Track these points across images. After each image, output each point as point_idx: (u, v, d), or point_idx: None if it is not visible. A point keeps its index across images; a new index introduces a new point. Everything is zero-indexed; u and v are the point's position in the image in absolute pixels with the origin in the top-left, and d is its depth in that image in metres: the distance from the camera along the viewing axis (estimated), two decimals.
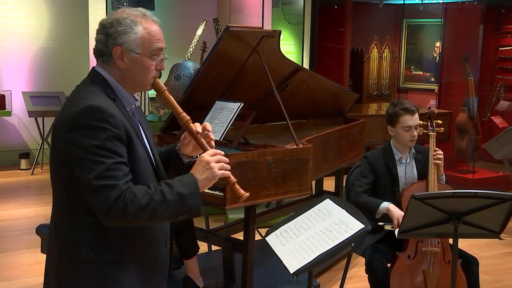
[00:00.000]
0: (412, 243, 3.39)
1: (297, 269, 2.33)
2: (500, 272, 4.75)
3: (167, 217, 1.86)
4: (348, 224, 2.46)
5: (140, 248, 1.92)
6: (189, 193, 1.85)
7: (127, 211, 1.75)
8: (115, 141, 1.79)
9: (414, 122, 3.55)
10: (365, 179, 3.62)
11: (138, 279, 1.92)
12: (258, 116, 4.02)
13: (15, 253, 4.91)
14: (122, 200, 1.74)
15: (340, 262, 4.65)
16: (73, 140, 1.77)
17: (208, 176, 1.91)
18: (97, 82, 1.91)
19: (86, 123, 1.77)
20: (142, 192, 1.79)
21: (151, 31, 1.92)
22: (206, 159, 1.92)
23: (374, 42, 9.33)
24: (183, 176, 1.91)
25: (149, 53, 1.91)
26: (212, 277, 3.93)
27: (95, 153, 1.75)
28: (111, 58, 1.90)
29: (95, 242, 1.85)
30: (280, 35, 3.94)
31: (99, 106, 1.79)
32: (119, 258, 1.88)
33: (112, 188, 1.75)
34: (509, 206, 2.74)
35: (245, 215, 3.75)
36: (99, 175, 1.74)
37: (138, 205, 1.76)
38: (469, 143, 7.33)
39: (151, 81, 1.96)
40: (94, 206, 1.77)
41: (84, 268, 1.85)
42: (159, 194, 1.80)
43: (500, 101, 8.30)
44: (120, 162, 1.79)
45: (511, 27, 8.79)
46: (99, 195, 1.75)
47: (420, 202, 2.71)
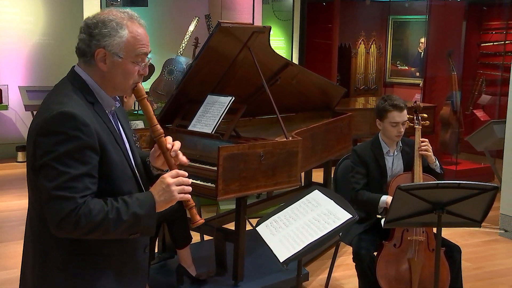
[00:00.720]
0: (397, 233, 3.41)
1: (287, 258, 2.33)
2: (481, 260, 4.78)
3: (119, 235, 1.76)
4: (336, 214, 2.47)
5: (117, 254, 1.84)
6: (144, 214, 1.76)
7: (79, 226, 1.67)
8: (85, 150, 1.70)
9: (401, 119, 3.55)
10: (359, 174, 3.61)
11: (117, 284, 1.84)
12: (249, 110, 4.02)
13: (12, 243, 4.90)
14: (75, 214, 1.66)
15: (328, 251, 4.67)
16: (42, 146, 1.68)
17: (166, 198, 1.80)
18: (75, 85, 1.80)
19: (58, 129, 1.68)
20: (97, 208, 1.70)
21: (137, 35, 1.81)
22: (167, 181, 1.80)
23: (361, 38, 9.33)
24: (141, 194, 1.83)
25: (133, 57, 1.81)
26: (204, 266, 3.93)
27: (61, 162, 1.67)
28: (93, 60, 1.80)
29: (67, 251, 1.77)
30: (270, 31, 3.94)
31: (73, 114, 1.69)
32: (95, 265, 1.80)
33: (68, 200, 1.66)
34: (490, 196, 2.76)
35: (237, 206, 3.75)
36: (59, 185, 1.66)
37: (91, 221, 1.68)
38: (453, 136, 7.36)
39: (132, 86, 1.85)
40: (47, 215, 1.69)
41: (55, 275, 1.77)
42: (114, 212, 1.71)
43: (482, 95, 8.35)
44: (84, 174, 1.69)
45: (492, 23, 8.83)
46: (54, 205, 1.66)
47: (405, 193, 2.73)
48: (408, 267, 3.38)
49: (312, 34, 8.95)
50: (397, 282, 3.38)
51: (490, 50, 8.78)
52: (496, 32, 8.71)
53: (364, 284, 3.48)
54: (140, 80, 1.88)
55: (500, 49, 8.32)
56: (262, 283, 3.83)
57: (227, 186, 3.43)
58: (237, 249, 3.72)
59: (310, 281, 4.18)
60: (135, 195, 1.81)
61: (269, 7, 8.59)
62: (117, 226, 1.72)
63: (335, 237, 3.58)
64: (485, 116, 7.70)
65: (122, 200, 1.76)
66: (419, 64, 9.30)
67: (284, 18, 8.66)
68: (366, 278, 3.43)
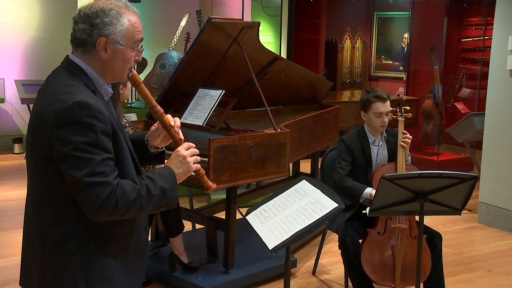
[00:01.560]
0: (381, 221, 3.42)
1: (276, 245, 2.33)
2: (460, 246, 4.82)
3: (151, 210, 1.80)
4: (323, 203, 2.47)
5: (124, 236, 1.84)
6: (169, 187, 1.81)
7: (117, 207, 1.68)
8: (103, 137, 1.69)
9: (385, 109, 3.57)
10: (345, 161, 3.62)
11: (123, 266, 1.84)
12: (239, 103, 4.01)
13: (10, 232, 4.88)
14: (113, 196, 1.67)
15: (316, 239, 4.69)
16: (61, 137, 1.65)
17: (184, 170, 1.87)
18: (76, 74, 1.78)
19: (75, 119, 1.65)
20: (130, 187, 1.72)
21: (134, 22, 1.80)
22: (183, 153, 1.87)
23: (347, 33, 9.33)
24: (161, 170, 1.85)
25: (131, 44, 1.81)
26: (196, 254, 3.93)
27: (84, 150, 1.65)
28: (93, 49, 1.77)
29: (81, 235, 1.75)
30: (259, 27, 3.93)
31: (87, 102, 1.67)
32: (105, 248, 1.79)
33: (103, 185, 1.66)
34: (469, 185, 2.78)
35: (227, 195, 3.75)
36: (89, 172, 1.65)
37: (127, 200, 1.70)
38: (434, 128, 7.40)
39: (128, 71, 1.86)
40: (84, 202, 1.67)
41: (71, 259, 1.75)
42: (144, 189, 1.74)
43: (462, 89, 8.38)
44: (108, 158, 1.70)
45: (472, 20, 8.86)
46: (90, 192, 1.65)
47: (389, 182, 2.73)
48: (392, 254, 3.40)
49: (299, 30, 8.93)
50: (381, 268, 3.40)
51: (470, 45, 8.80)
52: (475, 28, 8.73)
53: (349, 270, 3.50)
54: (134, 66, 1.88)
55: (479, 44, 8.35)
56: (252, 270, 3.84)
57: (217, 176, 3.42)
58: (228, 237, 3.72)
59: (298, 268, 4.20)
60: (156, 171, 1.83)
61: (258, 3, 8.56)
62: (149, 202, 1.75)
63: (322, 225, 3.59)
64: (465, 108, 7.74)
65: (147, 177, 1.78)
66: (403, 59, 9.32)
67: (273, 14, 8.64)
68: (351, 265, 3.45)
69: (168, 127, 1.92)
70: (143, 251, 1.96)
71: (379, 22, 9.79)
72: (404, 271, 3.40)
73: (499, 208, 5.27)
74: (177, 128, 1.94)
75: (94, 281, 1.76)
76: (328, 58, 9.16)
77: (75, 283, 1.74)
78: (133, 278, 1.89)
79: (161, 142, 2.02)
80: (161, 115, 1.91)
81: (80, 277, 1.75)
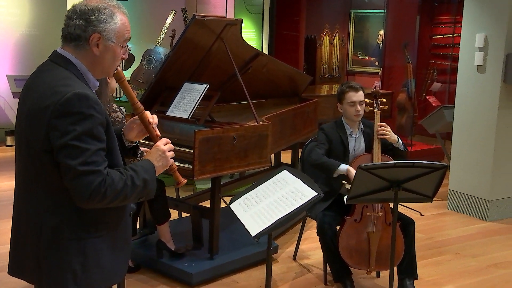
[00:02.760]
0: (358, 208, 3.44)
1: (258, 232, 2.33)
2: (431, 231, 4.87)
3: (133, 199, 1.82)
4: (303, 192, 2.47)
5: (114, 221, 1.86)
6: (150, 178, 1.83)
7: (106, 196, 1.69)
8: (99, 127, 1.71)
9: (358, 98, 3.58)
10: (323, 145, 3.62)
11: (112, 249, 1.86)
12: (223, 97, 4.00)
13: (3, 220, 4.81)
14: (103, 185, 1.68)
15: (296, 226, 4.69)
16: (60, 127, 1.65)
17: (163, 163, 1.91)
18: (67, 67, 1.78)
19: (75, 110, 1.66)
20: (117, 177, 1.73)
21: (125, 22, 1.84)
22: (162, 148, 1.92)
23: (326, 30, 9.34)
24: (142, 162, 1.87)
25: (121, 42, 1.83)
26: (182, 241, 3.92)
27: (81, 140, 1.66)
28: (86, 44, 1.77)
29: (76, 222, 1.76)
30: (241, 24, 3.90)
31: (86, 94, 1.69)
32: (97, 233, 1.81)
33: (95, 174, 1.67)
34: (440, 174, 2.80)
35: (212, 185, 3.73)
36: (84, 161, 1.65)
37: (115, 189, 1.71)
38: (408, 120, 7.44)
39: (114, 69, 1.88)
40: (75, 190, 1.67)
41: (67, 245, 1.76)
42: (130, 179, 1.76)
43: (434, 83, 8.44)
44: (101, 149, 1.71)
45: (442, 18, 8.91)
46: (83, 180, 1.66)
47: (365, 172, 2.74)
48: (367, 240, 3.41)
49: (280, 27, 8.91)
50: (357, 253, 3.42)
51: (441, 42, 8.86)
52: (446, 26, 8.79)
53: (328, 255, 3.52)
54: (119, 64, 1.90)
55: (449, 41, 8.40)
56: (236, 256, 3.84)
57: (202, 167, 3.41)
58: (212, 225, 3.71)
59: (279, 253, 4.20)
60: (137, 163, 1.85)
61: (240, 1, 8.51)
62: (132, 191, 1.77)
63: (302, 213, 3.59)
64: (436, 102, 7.79)
65: (131, 169, 1.80)
66: (378, 54, 9.35)
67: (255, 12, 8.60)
68: (329, 250, 3.46)
69: (147, 123, 1.95)
70: (128, 235, 1.98)
71: (355, 20, 9.80)
72: (379, 256, 3.42)
73: (467, 195, 5.33)
74: (155, 124, 1.98)
75: (88, 264, 1.79)
76: (307, 54, 9.16)
77: (71, 266, 1.76)
78: (120, 260, 1.92)
79: (136, 137, 2.04)
80: (141, 111, 1.94)
81: (75, 260, 1.77)
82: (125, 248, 1.95)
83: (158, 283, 3.68)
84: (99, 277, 1.83)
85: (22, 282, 3.68)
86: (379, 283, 3.78)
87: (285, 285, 3.73)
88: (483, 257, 4.32)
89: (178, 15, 7.61)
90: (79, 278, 1.78)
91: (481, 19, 5.12)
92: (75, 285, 1.77)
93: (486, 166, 5.15)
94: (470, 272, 4.04)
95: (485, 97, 5.13)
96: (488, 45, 5.08)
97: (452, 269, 4.09)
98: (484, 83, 5.14)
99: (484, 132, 5.16)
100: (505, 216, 5.25)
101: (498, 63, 5.01)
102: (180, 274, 3.65)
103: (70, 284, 1.77)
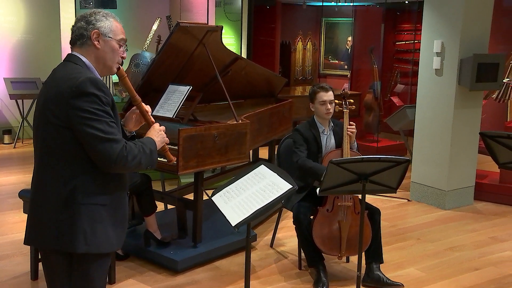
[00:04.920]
0: (330, 199, 3.44)
1: (238, 222, 2.31)
2: (395, 219, 4.91)
3: (144, 166, 1.97)
4: (279, 185, 2.46)
5: (116, 193, 1.99)
6: (154, 149, 2.04)
7: (127, 159, 1.88)
8: (107, 106, 1.87)
9: (328, 98, 3.58)
10: (302, 146, 3.61)
11: (114, 222, 1.98)
12: (205, 97, 3.97)
13: (1, 213, 4.71)
14: (125, 150, 1.87)
15: (273, 216, 4.69)
16: (78, 105, 1.82)
17: (161, 139, 2.12)
18: (79, 63, 1.95)
19: (88, 91, 1.83)
20: (132, 145, 1.93)
21: (118, 25, 2.04)
22: (158, 127, 2.14)
23: (299, 37, 9.34)
24: (144, 138, 2.06)
25: (117, 40, 2.02)
26: (168, 230, 3.89)
27: (97, 114, 1.83)
28: (89, 40, 1.97)
29: (87, 189, 1.90)
30: (222, 30, 3.87)
31: (96, 78, 1.88)
32: (103, 201, 1.93)
33: (117, 142, 1.86)
34: (403, 168, 2.82)
35: (195, 179, 3.71)
36: (105, 130, 1.83)
37: (133, 154, 1.91)
38: (374, 118, 7.49)
39: (116, 65, 2.04)
40: (103, 154, 1.84)
41: (79, 209, 1.88)
42: (141, 148, 1.96)
43: (397, 85, 8.51)
44: (113, 122, 1.89)
45: (404, 26, 8.99)
46: (107, 146, 1.83)
47: (336, 166, 2.74)
48: (338, 228, 3.42)
49: (258, 33, 8.88)
50: (329, 240, 3.42)
51: (403, 47, 8.94)
52: (407, 33, 8.86)
53: (302, 242, 3.52)
54: (121, 62, 2.07)
55: (410, 47, 8.48)
56: (217, 244, 3.82)
57: (186, 162, 3.37)
58: (196, 216, 3.69)
59: (257, 241, 4.19)
60: (142, 139, 2.05)
61: (221, 10, 8.47)
62: (144, 158, 1.96)
63: (278, 204, 3.59)
64: (400, 102, 7.85)
65: (138, 141, 2.01)
66: (347, 59, 9.39)
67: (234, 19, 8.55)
68: (304, 238, 3.46)
69: (144, 112, 2.15)
70: (126, 211, 2.08)
71: (326, 27, 9.83)
72: (348, 242, 3.44)
73: (427, 186, 5.39)
74: (150, 113, 2.18)
75: (96, 228, 1.92)
76: (282, 58, 9.15)
77: (82, 227, 1.89)
78: (120, 233, 2.03)
79: (134, 127, 2.20)
80: (139, 102, 2.14)
81: (86, 223, 1.90)
82: (124, 219, 2.07)
83: (146, 269, 3.64)
84: (104, 241, 1.95)
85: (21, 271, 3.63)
86: (348, 267, 3.80)
87: (263, 270, 3.72)
88: (440, 242, 4.38)
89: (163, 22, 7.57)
90: (89, 239, 1.90)
91: (438, 27, 5.17)
92: (86, 244, 1.89)
93: (443, 160, 5.21)
94: (430, 255, 4.09)
95: (442, 98, 5.18)
96: (444, 51, 5.14)
97: (413, 253, 4.13)
98: (441, 85, 5.19)
99: (441, 129, 5.22)
100: (460, 205, 5.33)
101: (453, 67, 5.07)
102: (166, 261, 3.62)
103: (82, 243, 1.89)
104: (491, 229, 4.73)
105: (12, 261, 3.76)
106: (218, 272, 3.64)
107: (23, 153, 7.18)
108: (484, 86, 5.11)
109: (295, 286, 3.49)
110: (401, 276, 3.64)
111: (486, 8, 5.10)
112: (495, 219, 5.01)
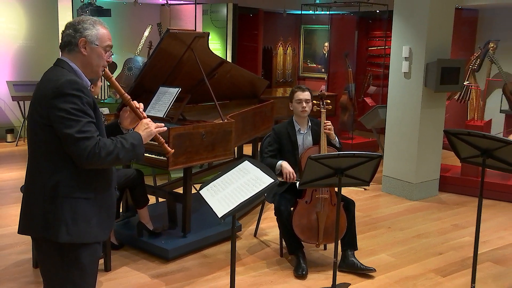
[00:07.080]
0: (309, 192, 3.44)
1: (224, 214, 2.30)
2: (369, 210, 4.94)
3: (124, 160, 1.91)
4: (262, 179, 2.45)
5: (101, 188, 1.94)
6: (137, 143, 1.95)
7: (100, 156, 1.81)
8: (87, 106, 1.82)
9: (304, 97, 3.59)
10: (271, 147, 3.64)
11: (98, 213, 1.93)
12: (193, 98, 3.94)
13: (4, 207, 4.64)
14: (97, 147, 1.80)
15: (256, 208, 4.68)
16: (57, 105, 1.78)
17: (147, 132, 2.03)
18: (65, 68, 1.92)
19: (67, 91, 1.79)
20: (108, 142, 1.86)
21: (105, 32, 1.98)
22: (145, 121, 2.06)
23: (280, 42, 9.34)
24: (129, 133, 2.01)
25: (104, 47, 1.96)
26: (159, 222, 3.86)
27: (74, 114, 1.78)
28: (76, 47, 1.92)
29: (70, 183, 1.85)
30: (208, 36, 3.85)
31: (76, 80, 1.83)
32: (87, 196, 1.89)
33: (89, 139, 1.80)
34: (376, 163, 2.83)
35: (184, 174, 3.68)
36: (79, 130, 1.78)
37: (107, 150, 1.83)
38: (349, 117, 7.52)
39: (102, 69, 1.99)
40: (75, 153, 1.79)
41: (62, 202, 1.85)
42: (119, 143, 1.88)
43: (370, 87, 8.56)
44: (91, 122, 1.83)
45: (376, 33, 9.03)
46: (81, 144, 1.78)
47: (314, 161, 2.74)
48: (316, 218, 3.43)
49: (242, 39, 8.85)
50: (308, 229, 3.43)
51: (375, 52, 8.99)
52: (378, 39, 8.91)
53: (283, 232, 3.51)
54: (106, 65, 2.00)
55: (382, 52, 8.53)
56: (205, 234, 3.80)
57: (176, 159, 3.35)
58: (185, 208, 3.66)
59: (242, 231, 4.18)
60: (127, 134, 1.99)
61: (208, 17, 8.42)
62: (122, 152, 1.88)
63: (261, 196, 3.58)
64: (372, 102, 7.90)
65: (120, 137, 1.94)
66: (324, 63, 9.42)
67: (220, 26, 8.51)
68: (284, 228, 3.46)
69: (134, 108, 2.09)
70: (113, 202, 2.02)
71: (305, 34, 9.84)
72: (326, 231, 3.44)
73: (397, 179, 5.43)
74: (141, 109, 2.11)
75: (77, 219, 1.87)
76: (265, 62, 9.14)
77: (64, 219, 1.85)
78: (104, 226, 1.97)
79: (130, 124, 2.15)
80: (128, 99, 2.08)
81: (68, 215, 1.85)
82: (110, 212, 2.00)
83: (139, 258, 3.61)
84: (87, 230, 1.89)
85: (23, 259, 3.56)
86: (326, 254, 3.81)
87: (247, 257, 3.71)
88: (409, 230, 4.42)
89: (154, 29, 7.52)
90: (71, 229, 1.85)
91: (407, 35, 5.20)
92: (68, 235, 1.85)
93: (412, 155, 5.26)
94: (399, 242, 4.12)
95: (411, 98, 5.22)
96: (412, 56, 5.17)
97: (385, 240, 4.16)
98: (409, 87, 5.23)
99: (410, 127, 5.26)
100: (426, 196, 5.38)
101: (420, 70, 5.11)
102: (158, 250, 3.59)
103: (64, 233, 1.84)
104: (453, 217, 4.79)
105: (15, 250, 3.71)
106: (206, 260, 3.63)
107: (24, 151, 7.09)
108: (447, 88, 5.16)
109: (277, 272, 3.49)
110: (373, 262, 3.67)
111: (447, 18, 5.16)
112: (457, 208, 5.07)
